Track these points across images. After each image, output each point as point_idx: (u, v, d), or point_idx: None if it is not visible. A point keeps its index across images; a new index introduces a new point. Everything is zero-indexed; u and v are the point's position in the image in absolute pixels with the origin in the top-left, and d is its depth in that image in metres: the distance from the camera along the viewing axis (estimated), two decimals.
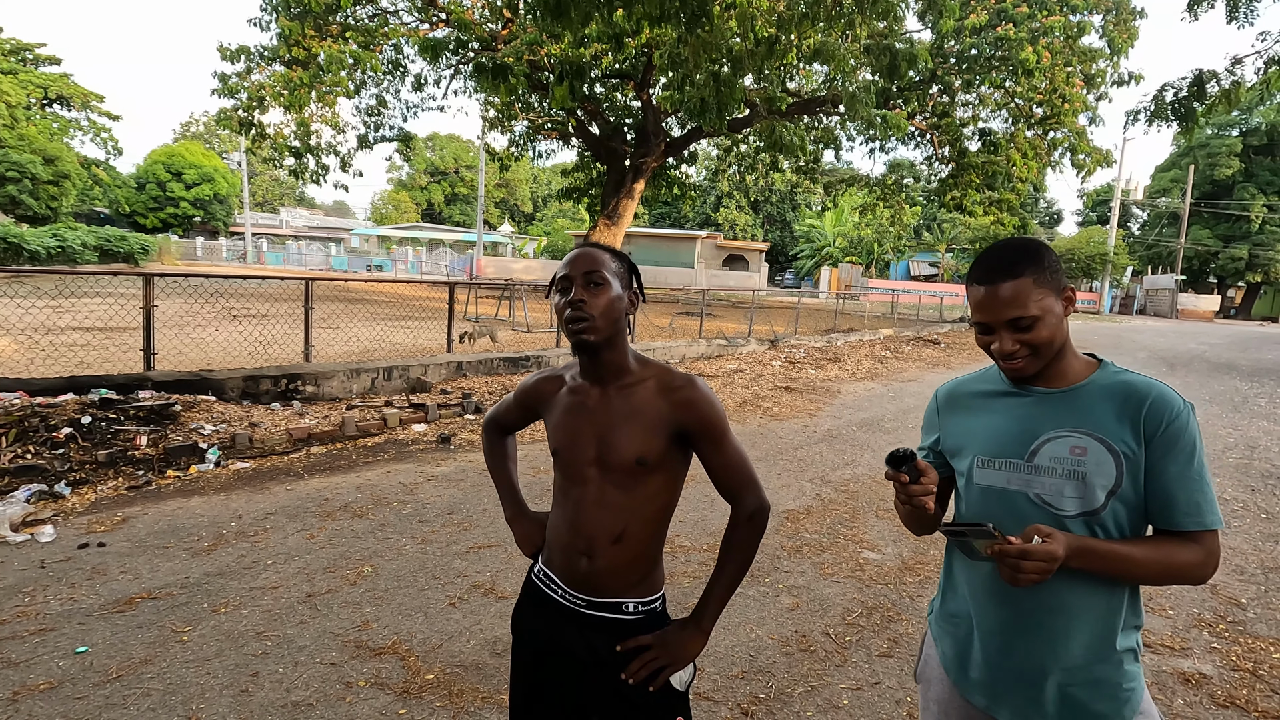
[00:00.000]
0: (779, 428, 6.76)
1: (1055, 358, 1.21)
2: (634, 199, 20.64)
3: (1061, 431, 1.18)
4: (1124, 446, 1.13)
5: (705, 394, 1.32)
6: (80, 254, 24.42)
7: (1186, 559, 1.12)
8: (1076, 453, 1.16)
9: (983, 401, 1.32)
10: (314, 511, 3.99)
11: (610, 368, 1.35)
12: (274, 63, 16.82)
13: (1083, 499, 1.15)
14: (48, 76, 36.86)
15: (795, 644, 2.86)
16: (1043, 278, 1.17)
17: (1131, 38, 14.54)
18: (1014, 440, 1.23)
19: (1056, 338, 1.18)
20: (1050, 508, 1.17)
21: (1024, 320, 1.16)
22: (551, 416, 1.43)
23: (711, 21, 8.02)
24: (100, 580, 3.05)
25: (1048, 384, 1.23)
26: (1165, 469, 1.12)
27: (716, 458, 1.35)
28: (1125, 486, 1.13)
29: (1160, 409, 1.13)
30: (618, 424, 1.31)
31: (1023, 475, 1.21)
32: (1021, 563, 1.06)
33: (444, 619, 2.89)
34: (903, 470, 1.23)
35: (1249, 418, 8.64)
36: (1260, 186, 37.50)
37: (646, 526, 1.35)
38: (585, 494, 1.34)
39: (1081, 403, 1.19)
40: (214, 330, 9.92)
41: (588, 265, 1.30)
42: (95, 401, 4.87)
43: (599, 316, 1.28)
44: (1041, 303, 1.16)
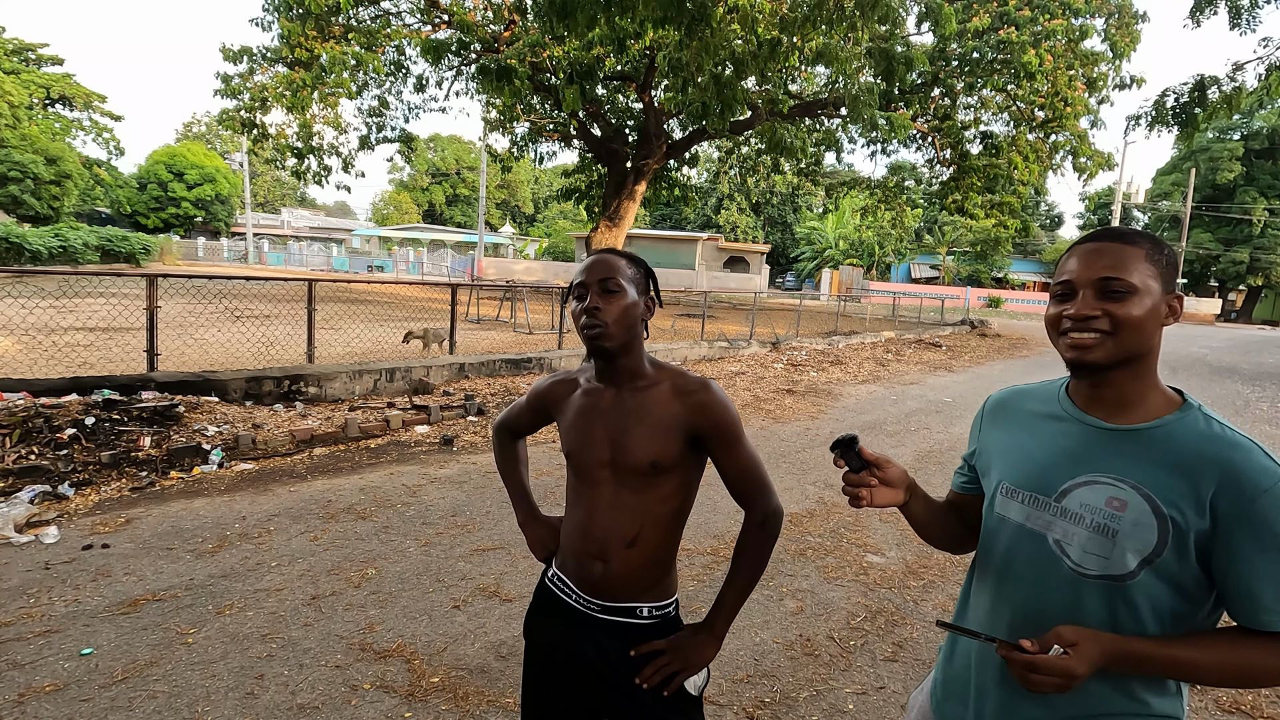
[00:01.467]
0: (781, 430, 6.76)
1: (1129, 378, 1.01)
2: (635, 200, 20.65)
3: (1104, 476, 0.99)
4: (1178, 513, 0.93)
5: (720, 398, 1.32)
6: (82, 254, 24.44)
7: (1269, 665, 0.91)
8: (1114, 505, 0.97)
9: (1028, 420, 1.14)
10: (317, 513, 3.99)
11: (625, 372, 1.35)
12: (276, 64, 16.86)
13: (1107, 560, 0.96)
14: (50, 76, 36.93)
15: (800, 648, 2.86)
16: (1159, 260, 0.99)
17: (1134, 41, 14.55)
18: (1046, 473, 1.05)
19: (1145, 334, 0.98)
20: (1068, 560, 1.01)
21: (1118, 284, 0.97)
22: (565, 419, 1.43)
23: (712, 24, 8.04)
24: (104, 582, 3.05)
25: (1109, 415, 1.03)
26: (1245, 557, 0.90)
27: (730, 462, 1.35)
28: (1168, 559, 0.93)
29: (1244, 482, 0.90)
30: (632, 426, 1.31)
31: (1046, 515, 1.04)
32: (1029, 675, 0.91)
33: (448, 622, 2.89)
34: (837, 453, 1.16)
35: (1251, 422, 8.64)
36: (1261, 190, 37.52)
37: (660, 530, 1.35)
38: (599, 497, 1.35)
39: (1141, 448, 0.98)
40: (216, 331, 9.93)
41: (604, 273, 1.31)
42: (99, 402, 4.87)
43: (613, 323, 1.29)
44: (1146, 279, 0.97)
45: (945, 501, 1.30)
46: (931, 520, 1.24)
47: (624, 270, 1.34)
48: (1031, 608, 1.04)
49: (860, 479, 1.14)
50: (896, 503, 1.18)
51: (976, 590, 1.18)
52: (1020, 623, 1.05)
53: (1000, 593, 1.10)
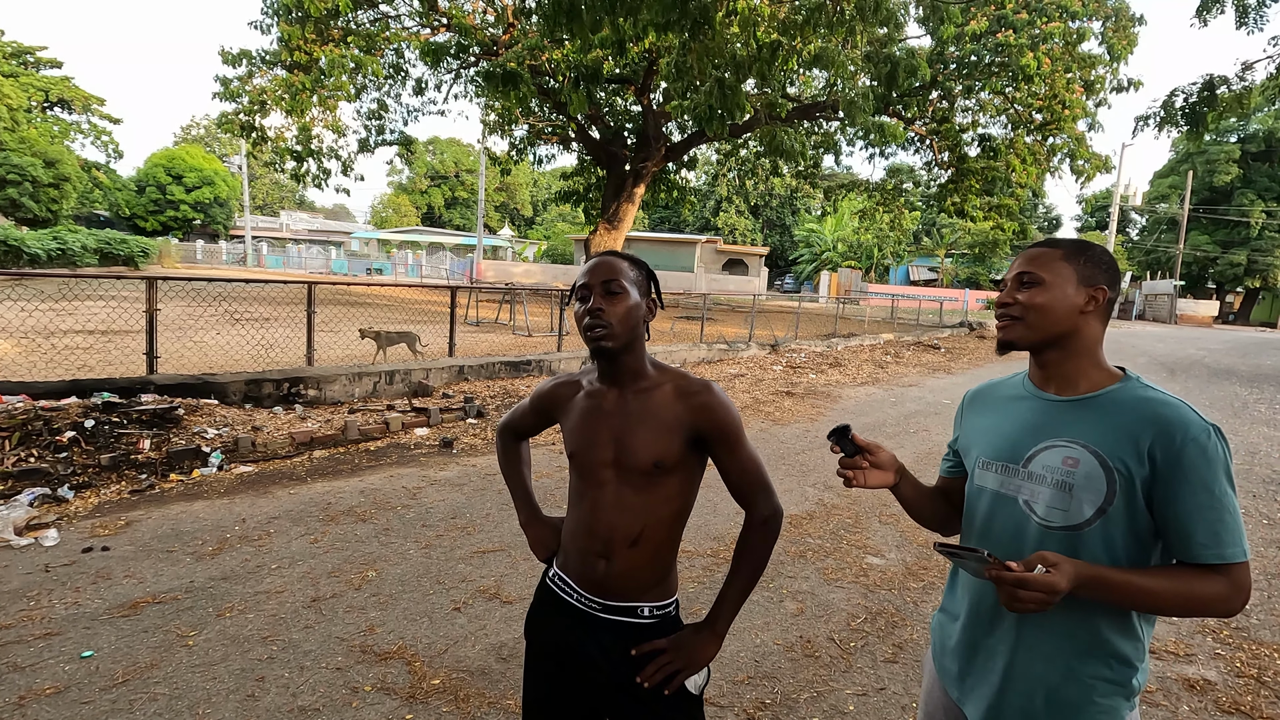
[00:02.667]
0: (781, 432, 6.77)
1: (1062, 357, 1.19)
2: (634, 203, 20.69)
3: (1059, 441, 1.16)
4: (1121, 465, 1.08)
5: (722, 399, 1.34)
6: (80, 257, 24.42)
7: (1210, 592, 1.04)
8: (1068, 464, 1.13)
9: (1000, 404, 1.32)
10: (317, 515, 3.98)
11: (628, 372, 1.37)
12: (275, 67, 16.88)
13: (1067, 512, 1.12)
14: (49, 79, 36.94)
15: (800, 649, 2.86)
16: (1074, 259, 1.18)
17: (1131, 44, 14.61)
18: (1014, 444, 1.22)
19: (1053, 318, 1.16)
20: (1035, 516, 1.16)
21: (1029, 276, 1.18)
22: (568, 421, 1.45)
23: (714, 28, 8.07)
24: (104, 584, 3.05)
25: (1061, 390, 1.21)
26: (1178, 497, 1.05)
27: (732, 462, 1.37)
28: (1118, 506, 1.08)
29: (1173, 431, 1.06)
30: (635, 427, 1.33)
31: (1016, 480, 1.20)
32: (1018, 591, 1.01)
33: (449, 624, 2.89)
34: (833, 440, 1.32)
35: (1249, 423, 8.65)
36: (1259, 192, 37.61)
37: (662, 529, 1.36)
38: (602, 496, 1.36)
39: (1089, 414, 1.15)
40: (215, 334, 9.92)
41: (606, 274, 1.33)
42: (98, 405, 4.87)
43: (616, 324, 1.31)
44: (1057, 274, 1.17)
45: (934, 487, 1.44)
46: (920, 500, 1.39)
47: (626, 272, 1.35)
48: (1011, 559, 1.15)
49: (853, 463, 1.30)
50: (887, 484, 1.33)
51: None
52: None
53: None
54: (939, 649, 1.37)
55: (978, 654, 1.24)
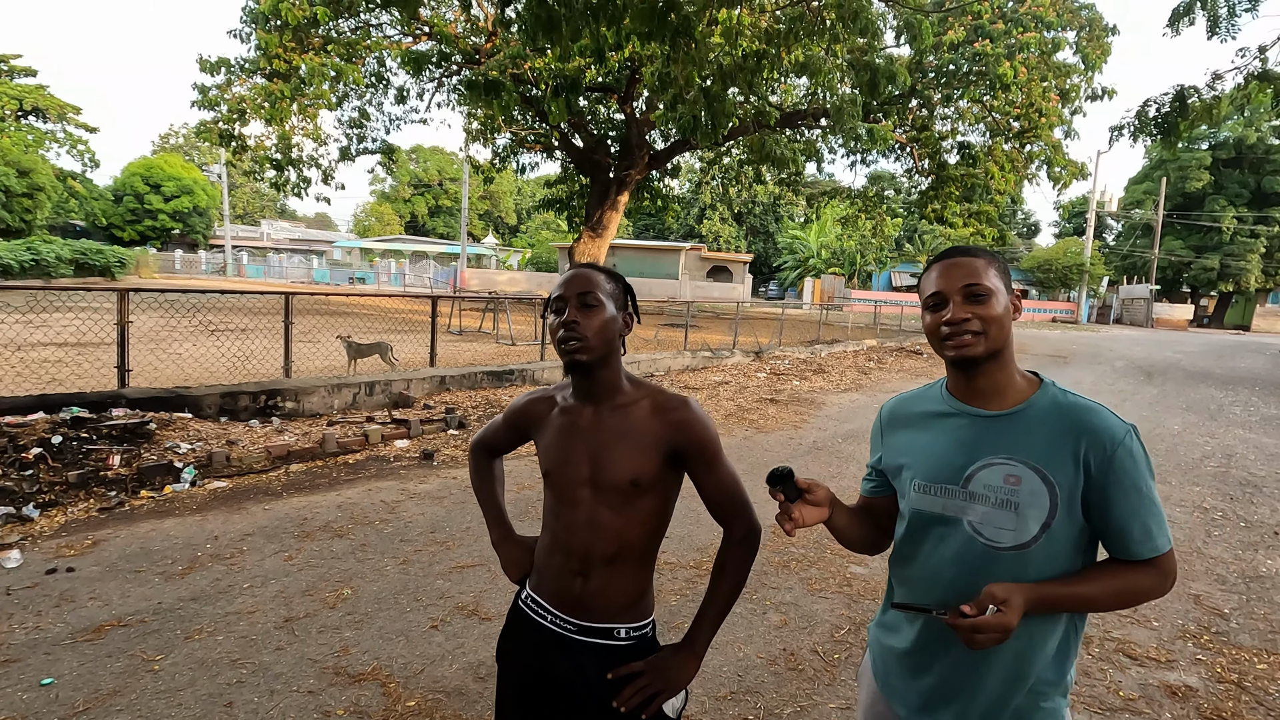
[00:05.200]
0: (765, 440, 6.76)
1: (996, 369, 1.17)
2: (618, 211, 20.67)
3: (997, 458, 1.14)
4: (1060, 477, 1.09)
5: (699, 415, 1.32)
6: (55, 267, 23.98)
7: (1144, 584, 1.11)
8: (1011, 481, 1.12)
9: (923, 421, 1.27)
10: (292, 532, 3.90)
11: (603, 387, 1.34)
12: (254, 75, 16.70)
13: (1015, 531, 1.11)
14: (23, 88, 36.31)
15: (784, 663, 2.82)
16: (997, 268, 1.17)
17: (1105, 53, 14.88)
18: (950, 464, 1.19)
19: (1004, 329, 1.15)
20: (982, 537, 1.14)
21: (979, 289, 1.14)
22: (543, 438, 1.41)
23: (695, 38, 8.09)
24: (68, 607, 2.95)
25: (986, 404, 1.19)
26: (1115, 501, 1.09)
27: (709, 479, 1.34)
28: (1060, 518, 1.10)
29: (1103, 439, 1.09)
30: (611, 444, 1.30)
31: (958, 501, 1.17)
32: (975, 635, 1.04)
33: (426, 642, 2.82)
34: (778, 488, 1.24)
35: (1225, 426, 8.78)
36: (1230, 199, 38.38)
37: (639, 547, 1.34)
38: (577, 515, 1.33)
39: (1019, 427, 1.15)
40: (192, 345, 9.75)
41: (582, 286, 1.30)
42: (66, 420, 4.75)
43: (592, 336, 1.28)
44: (996, 284, 1.15)
45: (859, 507, 1.40)
46: (850, 527, 1.34)
47: (603, 285, 1.32)
48: (959, 584, 1.16)
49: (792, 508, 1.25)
50: (823, 519, 1.29)
51: (900, 579, 1.30)
52: (951, 599, 1.15)
53: (928, 576, 1.22)
54: (880, 663, 1.33)
55: (930, 674, 1.22)
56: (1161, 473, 6.25)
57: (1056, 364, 15.46)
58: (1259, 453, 7.36)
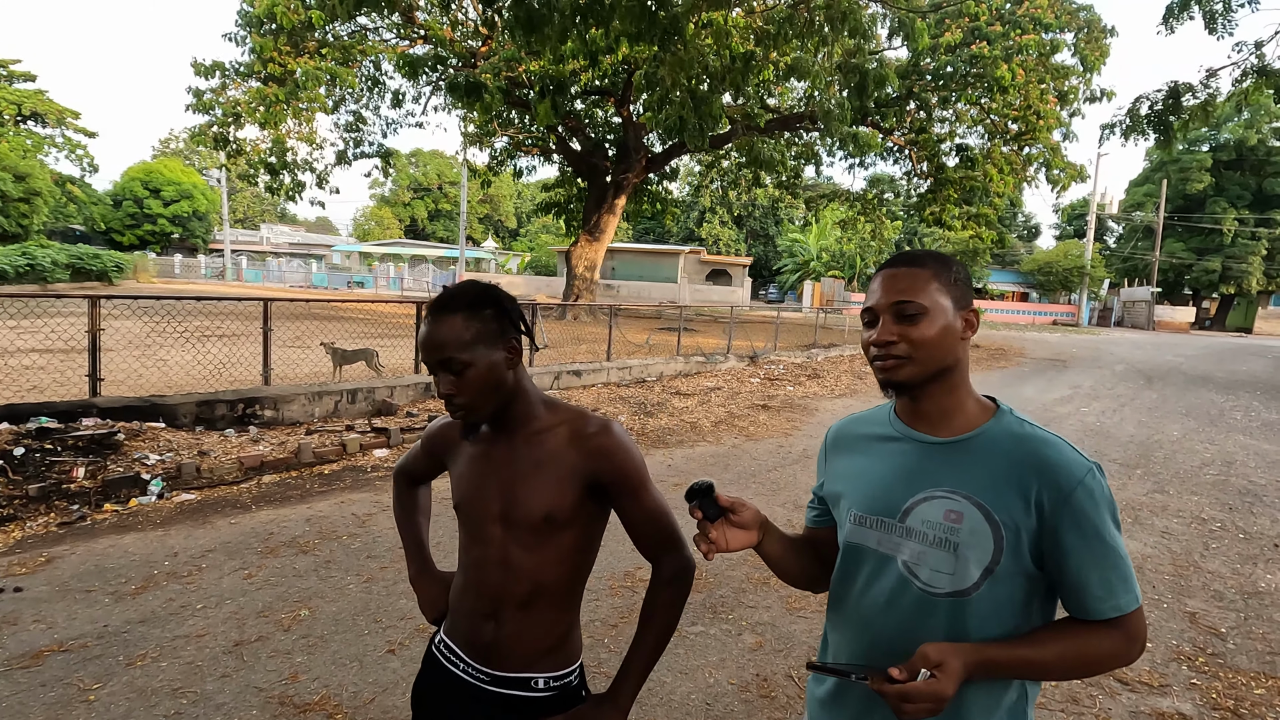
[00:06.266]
0: (754, 448, 6.62)
1: (941, 391, 1.04)
2: (615, 214, 20.60)
3: (939, 490, 1.01)
4: (1008, 517, 0.95)
5: (620, 440, 1.21)
6: (51, 273, 23.92)
7: (1106, 649, 0.95)
8: (950, 518, 0.98)
9: (866, 444, 1.14)
10: (256, 548, 3.77)
11: (513, 420, 1.23)
12: (249, 78, 16.65)
13: (953, 575, 0.97)
14: (22, 93, 36.35)
15: (755, 689, 2.69)
16: (945, 279, 1.03)
17: (1103, 55, 14.77)
18: (889, 494, 1.05)
19: (943, 350, 1.01)
20: (917, 580, 1.00)
21: (910, 307, 1.01)
22: (455, 467, 1.31)
23: (684, 38, 7.99)
24: (8, 631, 2.82)
25: (934, 429, 1.06)
26: (1071, 549, 0.94)
27: (634, 511, 1.22)
28: (1006, 564, 0.96)
29: (1059, 477, 0.94)
30: (524, 476, 1.20)
31: (893, 538, 1.03)
32: (903, 705, 0.89)
33: (380, 668, 2.69)
34: (694, 504, 1.10)
35: (1225, 432, 8.63)
36: (1231, 200, 38.21)
37: (557, 589, 1.23)
38: (488, 553, 1.22)
39: (967, 457, 1.01)
40: (178, 351, 9.64)
41: (438, 353, 1.15)
42: (31, 431, 4.63)
43: (471, 400, 1.17)
44: (936, 299, 1.01)
45: (801, 538, 1.26)
46: (787, 558, 1.20)
47: (461, 334, 1.14)
48: (888, 635, 1.03)
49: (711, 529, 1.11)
50: (751, 544, 1.14)
51: (833, 626, 1.16)
52: (879, 650, 1.04)
53: (857, 623, 1.09)
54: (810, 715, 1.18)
55: None
56: (1159, 481, 6.11)
57: (1056, 368, 15.31)
58: (1260, 460, 7.21)
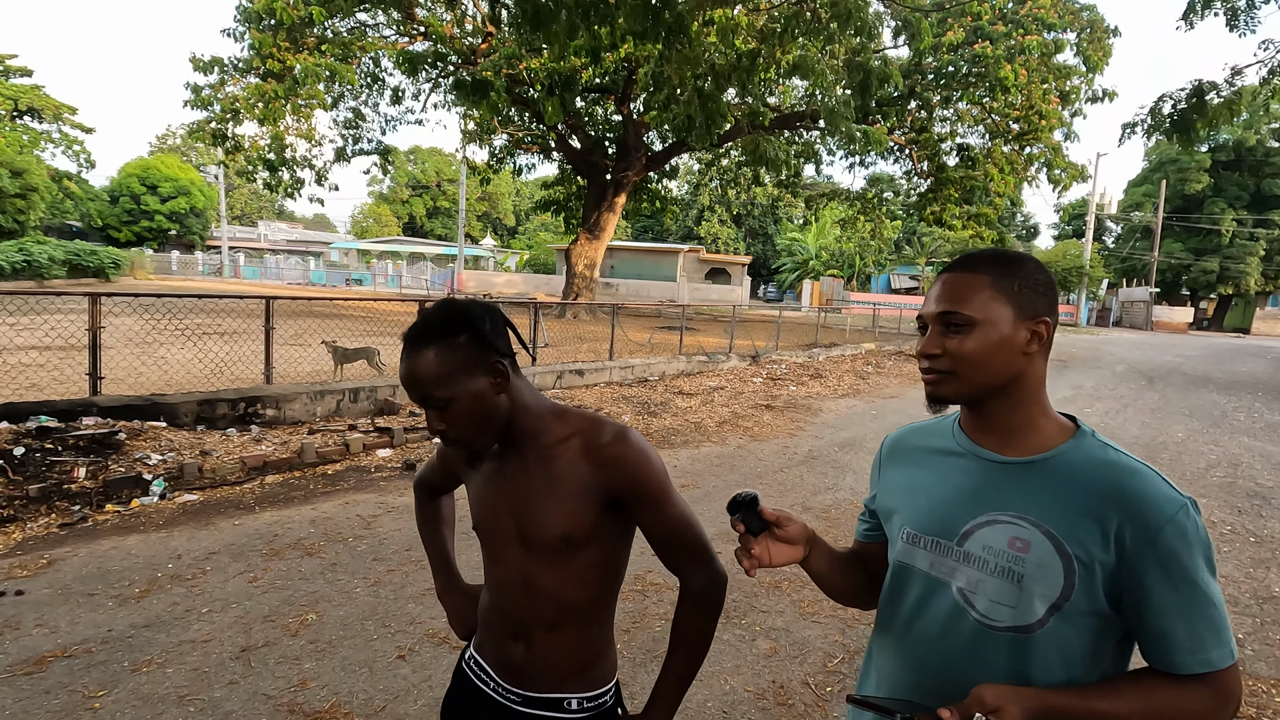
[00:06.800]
0: (759, 449, 6.58)
1: (1006, 407, 0.95)
2: (615, 213, 20.54)
3: (1003, 514, 0.92)
4: (1082, 550, 0.86)
5: (638, 449, 1.13)
6: (47, 269, 23.77)
7: (1193, 708, 0.84)
8: (1016, 546, 0.89)
9: (924, 458, 1.06)
10: (261, 550, 3.72)
11: (520, 437, 1.16)
12: (248, 74, 16.55)
13: (1015, 609, 0.89)
14: (18, 88, 36.15)
15: (773, 696, 2.65)
16: (1007, 285, 0.93)
17: (1106, 55, 14.74)
18: (946, 514, 0.97)
19: (995, 366, 0.92)
20: (974, 610, 0.92)
21: (957, 318, 0.93)
22: (471, 486, 1.25)
23: (689, 36, 7.93)
24: (10, 636, 2.77)
25: (1001, 447, 0.96)
26: (1155, 593, 0.84)
27: (656, 524, 1.15)
28: (1077, 601, 0.86)
29: (1147, 512, 0.84)
30: (538, 496, 1.13)
31: (949, 562, 0.95)
32: None
33: (390, 675, 2.65)
34: (737, 517, 1.05)
35: (1230, 433, 8.61)
36: (1229, 201, 38.27)
37: (585, 609, 1.17)
38: (509, 576, 1.17)
39: (1039, 481, 0.92)
40: (177, 349, 9.57)
41: (417, 391, 1.08)
42: (31, 430, 4.57)
43: (463, 434, 1.10)
44: (990, 309, 0.92)
45: (850, 552, 1.20)
46: (834, 573, 1.14)
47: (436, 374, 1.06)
48: (938, 666, 0.96)
49: (751, 543, 1.05)
50: (796, 559, 1.08)
51: (879, 649, 1.08)
52: (929, 684, 0.96)
53: (905, 651, 1.01)
54: None
55: None
56: None
57: (1056, 368, 15.29)
58: (1265, 461, 7.19)
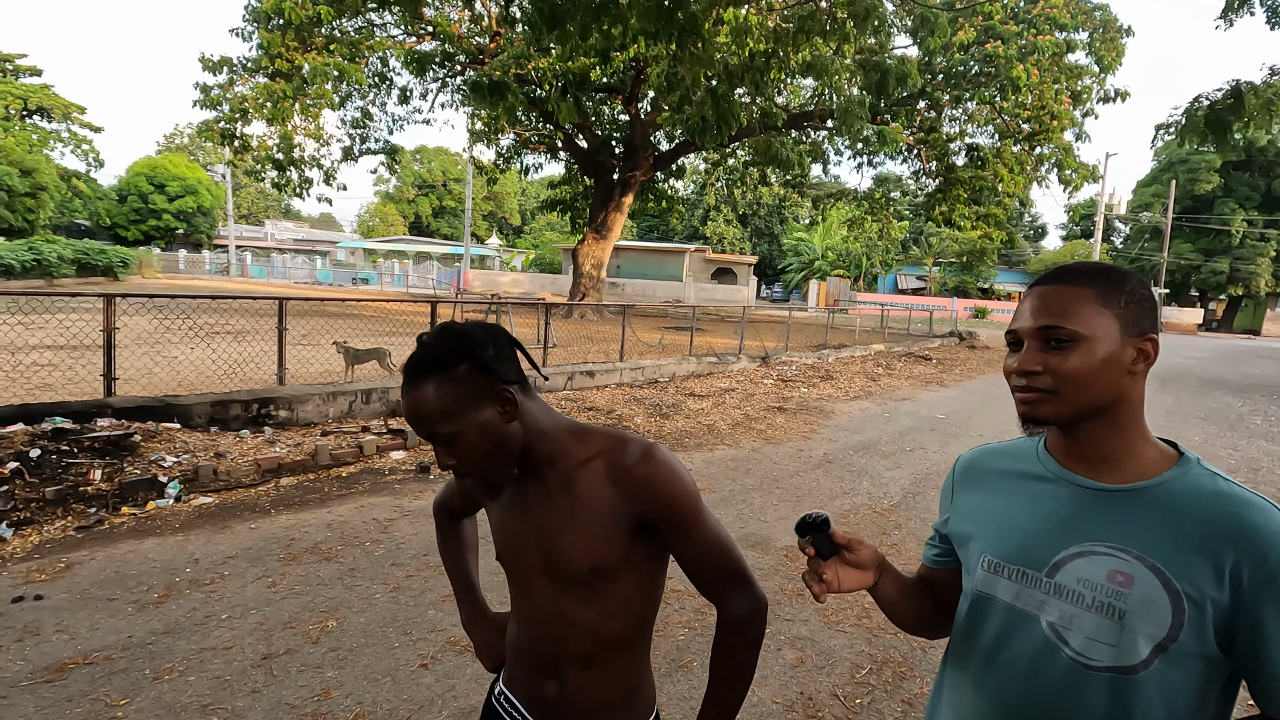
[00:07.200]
0: (773, 451, 6.53)
1: (1104, 431, 0.89)
2: (622, 212, 20.51)
3: (1100, 545, 0.86)
4: (1192, 588, 0.80)
5: (666, 467, 1.04)
6: (57, 268, 23.86)
7: None
8: (1117, 581, 0.83)
9: (1006, 482, 1.00)
10: (278, 554, 3.69)
11: (539, 462, 1.07)
12: (256, 74, 16.57)
13: (1116, 648, 0.82)
14: (28, 87, 36.35)
15: (801, 708, 2.61)
16: (1113, 300, 0.87)
17: (1119, 55, 14.63)
18: (1034, 543, 0.91)
19: (1101, 386, 0.86)
20: (1067, 648, 0.86)
21: (1061, 333, 0.86)
22: (492, 511, 1.16)
23: (702, 36, 7.89)
24: (31, 642, 2.74)
25: (1096, 473, 0.90)
26: (1273, 635, 0.78)
27: (689, 548, 1.06)
28: (1185, 642, 0.80)
29: (1267, 548, 0.78)
30: (563, 525, 1.05)
31: (1038, 594, 0.89)
32: None
33: (414, 684, 2.61)
34: (808, 540, 1.01)
35: (1247, 437, 8.52)
36: (1239, 201, 38.05)
37: (620, 642, 1.10)
38: (538, 609, 1.10)
39: (1141, 511, 0.85)
40: (188, 349, 9.57)
41: (422, 428, 1.01)
42: (47, 432, 4.55)
43: (474, 467, 1.03)
44: (1096, 324, 0.86)
45: (916, 578, 1.14)
46: (902, 601, 1.09)
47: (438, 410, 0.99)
48: (1026, 705, 0.90)
49: (820, 568, 1.00)
50: (865, 585, 1.04)
51: (954, 685, 1.02)
52: None
53: (986, 687, 0.95)
54: None
55: None
56: None
57: None
58: None
